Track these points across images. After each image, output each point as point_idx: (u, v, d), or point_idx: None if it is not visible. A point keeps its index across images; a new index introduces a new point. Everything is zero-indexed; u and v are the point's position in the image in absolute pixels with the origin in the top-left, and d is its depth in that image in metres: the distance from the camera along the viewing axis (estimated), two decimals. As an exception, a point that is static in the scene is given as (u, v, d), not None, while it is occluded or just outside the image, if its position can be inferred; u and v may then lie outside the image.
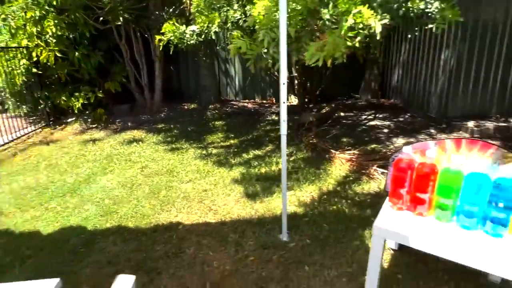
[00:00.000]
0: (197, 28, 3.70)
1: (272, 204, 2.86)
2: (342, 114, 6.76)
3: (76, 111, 5.92)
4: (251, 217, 2.69)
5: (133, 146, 4.72)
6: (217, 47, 7.49)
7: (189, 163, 4.00)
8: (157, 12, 5.46)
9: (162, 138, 5.06)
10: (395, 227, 1.42)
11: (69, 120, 6.14)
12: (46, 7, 5.16)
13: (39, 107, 6.02)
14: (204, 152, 4.38)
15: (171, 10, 5.24)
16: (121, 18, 5.32)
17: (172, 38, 3.75)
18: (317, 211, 2.71)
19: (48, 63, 5.46)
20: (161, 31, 3.85)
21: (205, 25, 3.61)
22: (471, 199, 1.34)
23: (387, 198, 1.58)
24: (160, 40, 3.85)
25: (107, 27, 5.74)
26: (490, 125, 5.09)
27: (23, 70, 5.59)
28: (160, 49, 4.42)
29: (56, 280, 0.88)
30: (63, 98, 5.88)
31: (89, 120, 6.07)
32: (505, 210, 1.28)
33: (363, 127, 5.69)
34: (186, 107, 7.15)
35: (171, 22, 3.82)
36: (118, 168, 3.90)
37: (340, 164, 3.64)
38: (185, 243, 2.41)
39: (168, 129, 5.57)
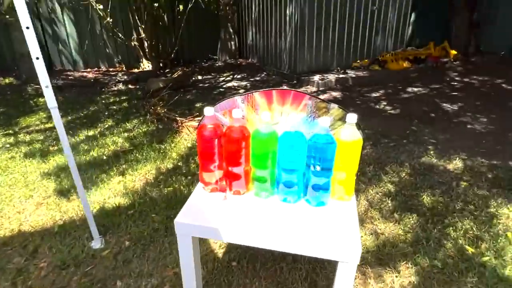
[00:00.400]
0: None
1: (91, 199, 2.20)
2: (199, 77, 6.32)
3: None
4: (54, 224, 1.96)
5: None
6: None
7: (-18, 157, 2.90)
8: None
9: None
10: (202, 219, 1.04)
11: None
12: None
13: None
14: (11, 140, 3.29)
15: None
16: None
17: None
18: (148, 197, 2.20)
19: None
20: None
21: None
22: (287, 165, 1.05)
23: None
24: None
25: None
26: (332, 77, 5.46)
27: None
28: None
29: None
30: None
31: None
32: (324, 173, 1.04)
33: (220, 89, 5.39)
34: (-4, 83, 5.47)
35: None
36: None
37: (187, 134, 3.20)
38: None
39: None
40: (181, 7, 6.71)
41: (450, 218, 1.88)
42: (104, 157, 2.78)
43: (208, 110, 1.07)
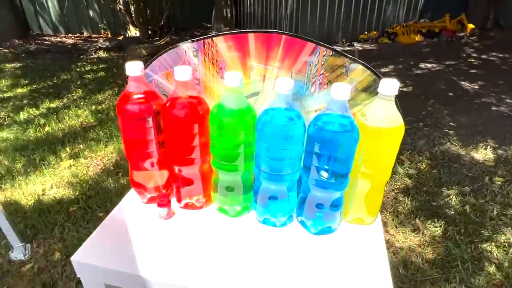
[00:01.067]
0: None
1: (30, 188, 1.75)
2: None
3: None
4: None
5: None
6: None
7: None
8: None
9: None
10: (123, 258, 0.61)
11: None
12: None
13: None
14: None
15: None
16: None
17: None
18: (99, 189, 1.72)
19: None
20: None
21: None
22: (272, 165, 0.61)
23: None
24: None
25: None
26: (338, 49, 4.93)
27: None
28: None
29: None
30: None
31: None
32: (334, 182, 0.60)
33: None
34: (-39, 46, 4.90)
35: None
36: None
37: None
38: None
39: None
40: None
41: (488, 227, 1.46)
42: (59, 134, 2.31)
43: (135, 67, 0.61)
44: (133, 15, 6.16)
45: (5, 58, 4.46)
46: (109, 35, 6.63)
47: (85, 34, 6.57)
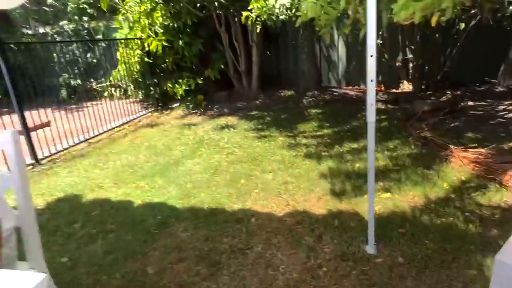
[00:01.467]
0: (288, 1, 3.39)
1: (360, 206, 2.41)
2: (470, 103, 5.55)
3: (179, 97, 6.39)
4: (333, 219, 2.31)
5: (224, 132, 4.78)
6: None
7: (274, 152, 3.79)
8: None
9: (253, 125, 5.00)
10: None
11: (174, 105, 6.67)
12: (156, 0, 5.64)
13: (150, 93, 6.70)
14: (292, 141, 4.11)
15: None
16: (216, 3, 5.40)
17: (261, 14, 3.53)
18: (419, 222, 2.15)
19: (157, 53, 5.99)
20: (248, 8, 3.68)
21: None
22: None
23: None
24: (247, 18, 3.69)
25: (208, 14, 5.94)
26: None
27: (138, 60, 6.29)
28: (258, 30, 4.25)
29: (42, 275, 0.77)
30: (169, 85, 6.40)
31: (190, 105, 6.47)
32: None
33: (499, 119, 4.52)
34: (282, 94, 6.97)
35: None
36: (206, 153, 3.97)
37: (460, 165, 2.88)
38: (253, 239, 2.20)
39: (260, 116, 5.49)
40: (462, 25, 6.12)
41: None
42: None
43: None
44: (410, 71, 6.66)
45: (309, 105, 5.98)
46: (382, 88, 7.43)
47: (362, 87, 7.68)
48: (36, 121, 4.22)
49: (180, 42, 5.97)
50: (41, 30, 9.75)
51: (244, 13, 3.77)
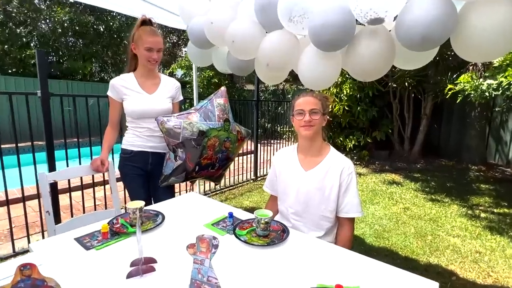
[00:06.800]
0: (496, 83, 3.18)
1: None
2: None
3: (347, 150, 6.60)
4: None
5: (393, 187, 4.65)
6: (496, 109, 6.13)
7: (453, 218, 3.45)
8: (438, 78, 5.19)
9: (420, 187, 4.68)
10: None
11: (340, 155, 6.92)
12: (347, 75, 6.16)
13: (323, 142, 7.16)
14: (469, 212, 3.65)
15: (454, 76, 4.83)
16: (406, 84, 5.47)
17: (466, 88, 3.40)
18: None
19: (337, 113, 6.45)
20: (455, 82, 3.60)
21: (508, 80, 3.03)
22: None
23: None
24: (450, 89, 3.60)
25: (386, 90, 6.08)
26: None
27: (321, 117, 6.88)
28: (458, 101, 4.08)
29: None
30: (340, 138, 6.72)
31: (354, 157, 6.58)
32: None
33: None
34: (443, 163, 6.28)
35: (468, 75, 3.50)
36: (383, 203, 3.95)
37: None
38: (461, 296, 2.07)
39: (425, 180, 5.09)
40: None
41: None
42: None
43: None
44: None
45: (477, 179, 5.17)
46: None
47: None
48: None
49: (359, 108, 6.27)
50: (246, 86, 11.93)
51: (449, 86, 3.71)
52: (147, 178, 1.88)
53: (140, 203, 1.30)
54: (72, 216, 2.62)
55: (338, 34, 1.49)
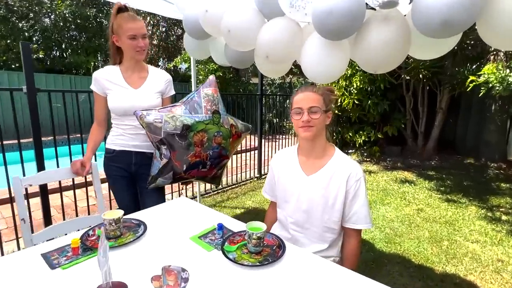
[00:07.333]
0: None
1: None
2: None
3: (357, 145, 6.39)
4: None
5: (405, 186, 4.45)
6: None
7: (471, 221, 3.24)
8: (456, 69, 4.91)
9: (434, 186, 4.46)
10: None
11: (349, 151, 6.71)
12: (356, 67, 5.92)
13: (333, 138, 6.96)
14: (489, 214, 3.43)
15: (474, 67, 4.55)
16: (420, 76, 5.20)
17: (491, 80, 3.16)
18: None
19: (347, 108, 6.22)
20: (478, 73, 3.35)
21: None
22: None
23: None
24: (472, 81, 3.35)
25: (398, 82, 5.81)
26: None
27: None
28: (480, 95, 3.82)
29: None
30: (350, 134, 6.50)
31: (364, 154, 6.37)
32: None
33: None
34: (460, 160, 6.00)
35: (493, 65, 3.25)
36: (394, 203, 3.77)
37: None
38: (482, 312, 1.90)
39: (440, 178, 4.86)
40: None
41: None
42: None
43: None
44: None
45: (497, 178, 4.91)
46: None
47: None
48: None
49: (369, 101, 6.02)
50: (252, 80, 11.72)
51: (471, 78, 3.46)
52: (132, 180, 1.75)
53: (118, 213, 1.18)
54: (64, 219, 2.54)
55: (346, 20, 1.31)
